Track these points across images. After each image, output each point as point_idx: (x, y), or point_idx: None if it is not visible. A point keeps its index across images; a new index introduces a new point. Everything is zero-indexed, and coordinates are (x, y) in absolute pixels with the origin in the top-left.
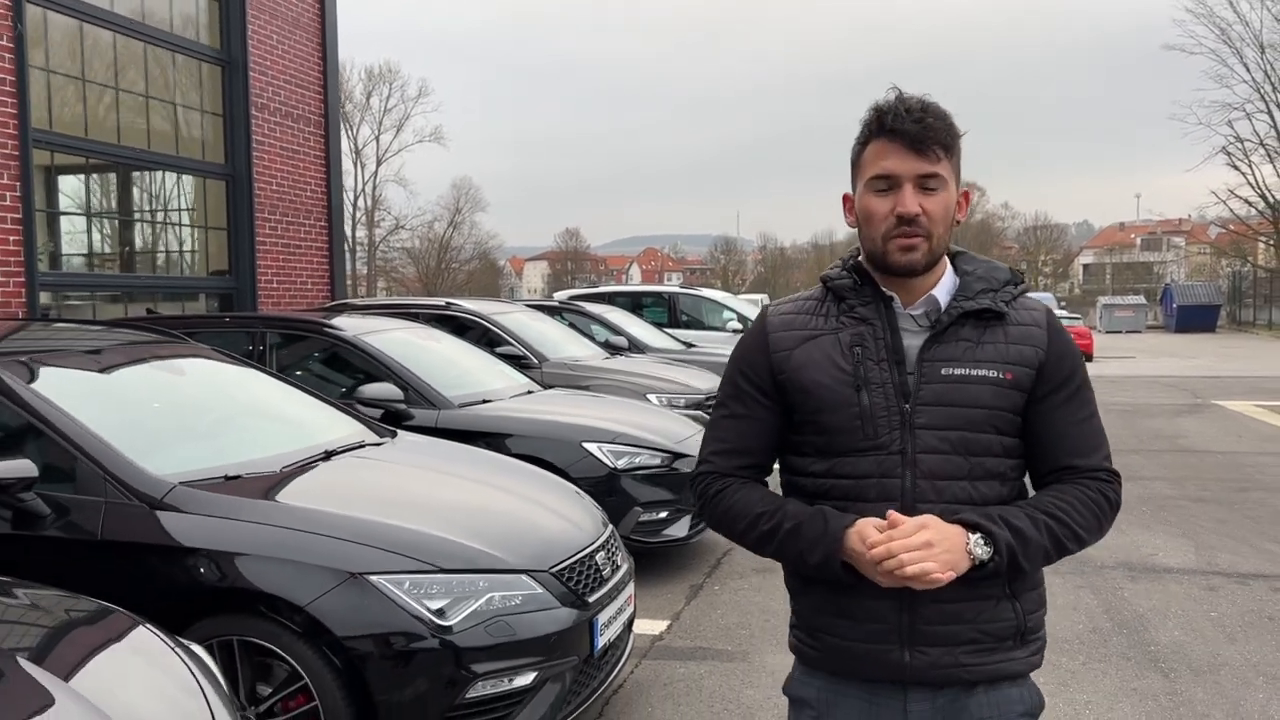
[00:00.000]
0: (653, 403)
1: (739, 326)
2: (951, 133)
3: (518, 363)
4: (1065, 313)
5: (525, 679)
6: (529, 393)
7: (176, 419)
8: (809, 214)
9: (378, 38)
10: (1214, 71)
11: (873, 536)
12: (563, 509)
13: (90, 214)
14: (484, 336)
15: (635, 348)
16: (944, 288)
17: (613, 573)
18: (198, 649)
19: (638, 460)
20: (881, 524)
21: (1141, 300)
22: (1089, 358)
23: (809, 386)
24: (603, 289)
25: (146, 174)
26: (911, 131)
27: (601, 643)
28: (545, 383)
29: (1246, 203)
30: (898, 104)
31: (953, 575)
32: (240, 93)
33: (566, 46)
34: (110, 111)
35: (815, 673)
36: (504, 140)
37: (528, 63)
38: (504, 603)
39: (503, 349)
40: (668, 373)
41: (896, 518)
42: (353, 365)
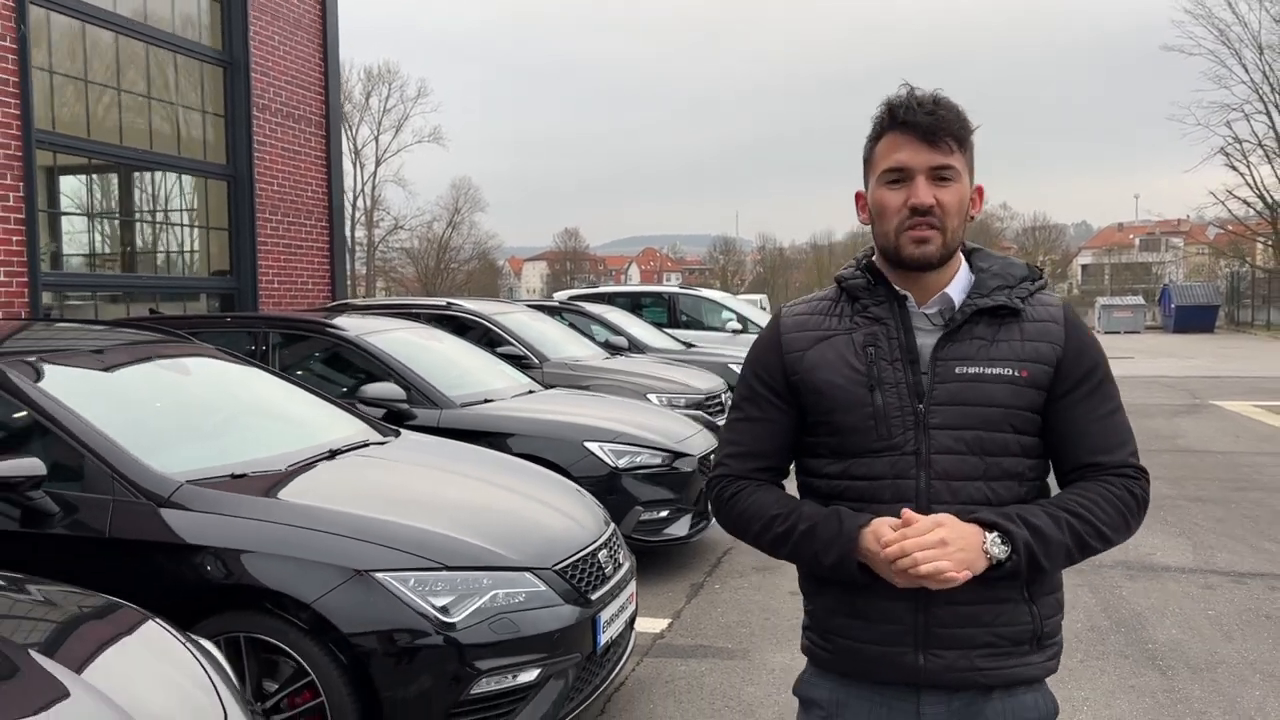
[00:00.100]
0: (653, 402)
1: (738, 327)
2: (964, 125)
3: (519, 363)
4: None
5: (529, 676)
6: (530, 392)
7: (182, 418)
8: (808, 214)
9: (377, 37)
10: (1212, 72)
11: (887, 535)
12: (565, 507)
13: (92, 214)
14: (484, 336)
15: (635, 348)
16: (958, 285)
17: (615, 570)
18: (208, 644)
19: (639, 459)
20: (896, 523)
21: (1140, 301)
22: None
23: (822, 387)
24: (602, 289)
25: (148, 174)
26: (924, 123)
27: (604, 640)
28: (546, 382)
29: (1245, 203)
30: (909, 98)
31: (969, 575)
32: (242, 93)
33: (566, 46)
34: (112, 112)
35: (826, 674)
36: (504, 140)
37: (528, 63)
38: (508, 600)
39: (503, 349)
40: (668, 373)
41: (911, 516)
42: (355, 365)
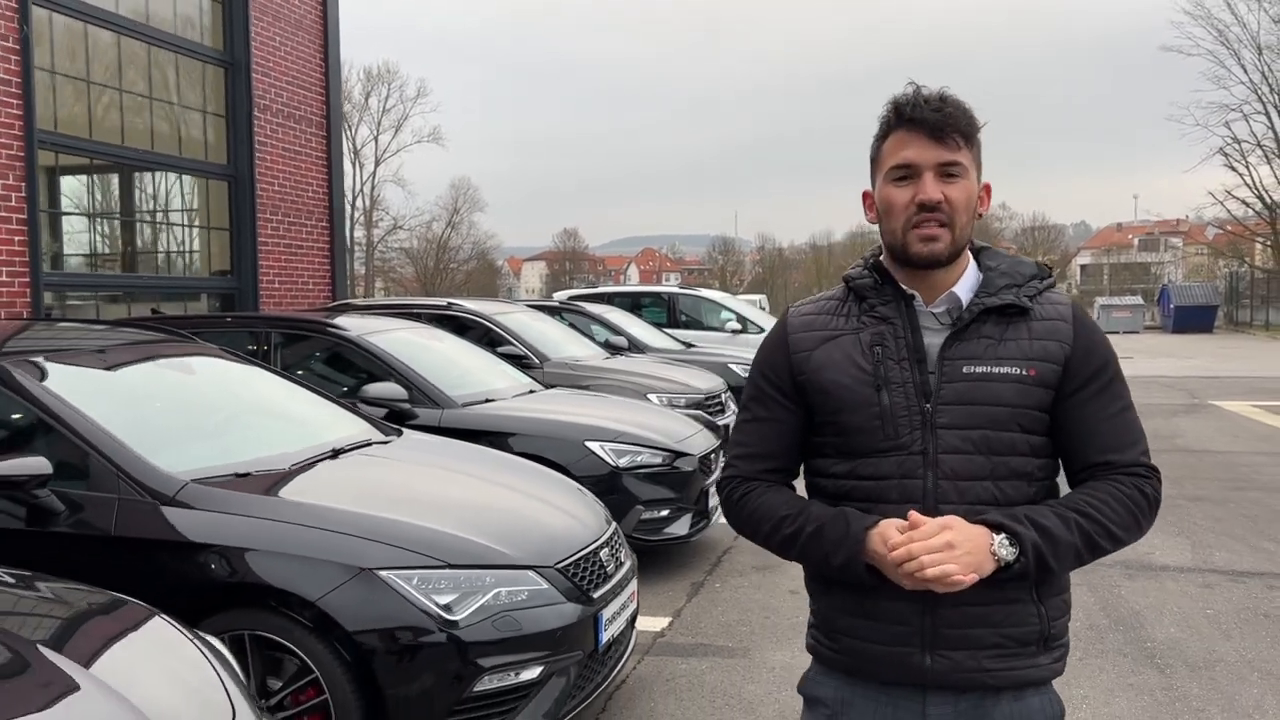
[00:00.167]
0: (653, 402)
1: (738, 327)
2: (971, 122)
3: (519, 362)
4: None
5: (531, 673)
6: (531, 392)
7: (186, 417)
8: (807, 214)
9: (377, 36)
10: (1211, 73)
11: (894, 538)
12: (567, 506)
13: (93, 214)
14: (485, 336)
15: (635, 348)
16: (966, 284)
17: (616, 569)
18: (215, 641)
19: (639, 459)
20: (903, 525)
21: (1139, 301)
22: None
23: (828, 387)
24: (602, 289)
25: (149, 175)
26: (931, 120)
27: (606, 638)
28: (547, 382)
29: (1244, 204)
30: (916, 96)
31: (975, 577)
32: (243, 94)
33: (567, 46)
34: (114, 112)
35: (832, 673)
36: (503, 140)
37: (528, 63)
38: (510, 598)
39: (504, 349)
40: (668, 372)
41: (918, 518)
42: (356, 365)
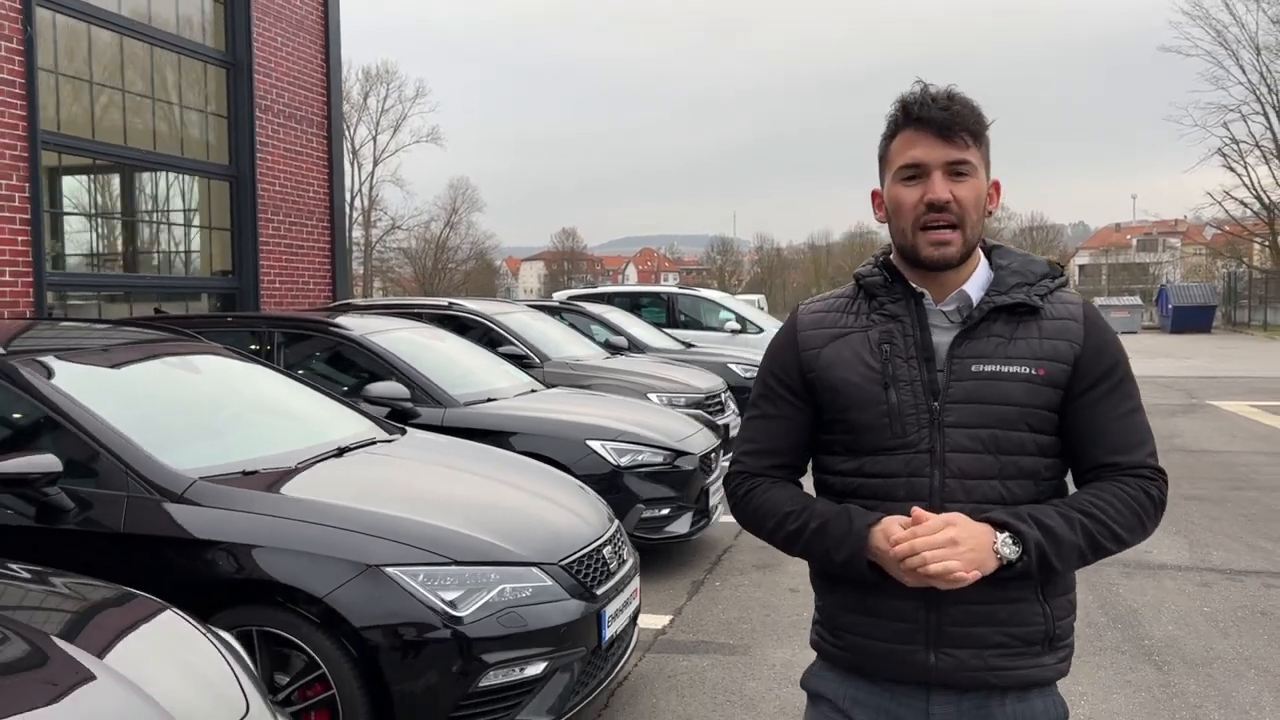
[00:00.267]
0: (653, 402)
1: (737, 327)
2: (979, 120)
3: (520, 362)
4: None
5: (536, 669)
6: (532, 391)
7: (192, 415)
8: (806, 215)
9: (377, 37)
10: (1210, 73)
11: (896, 534)
12: (571, 504)
13: (96, 214)
14: (485, 336)
15: (635, 347)
16: (976, 282)
17: (619, 566)
18: (227, 636)
19: (640, 458)
20: (906, 521)
21: (1137, 301)
22: None
23: (837, 384)
24: (601, 289)
25: (151, 175)
26: (938, 119)
27: (609, 634)
28: (547, 382)
29: (1242, 204)
30: (923, 94)
31: (978, 575)
32: (244, 95)
33: (567, 46)
34: (116, 113)
35: (835, 669)
36: (503, 140)
37: (528, 63)
38: (515, 594)
39: (505, 349)
40: (668, 372)
41: (921, 514)
42: (359, 364)
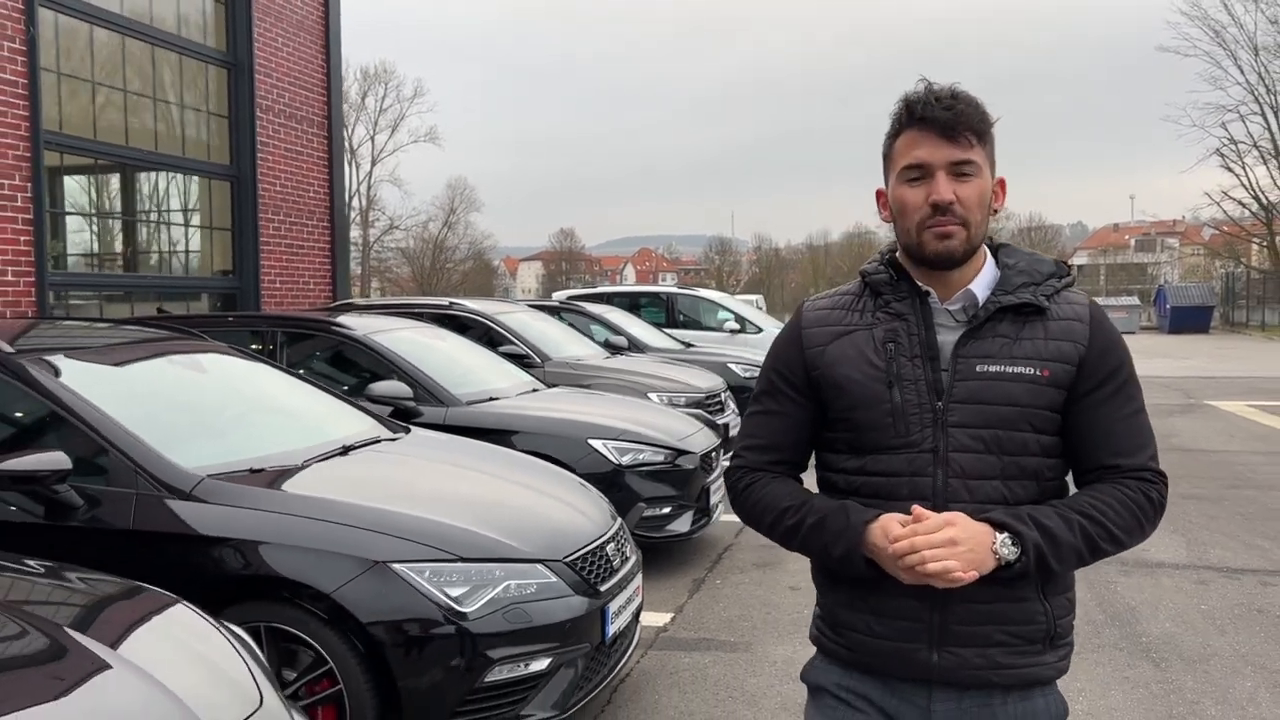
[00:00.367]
0: (654, 401)
1: (736, 327)
2: (983, 119)
3: (521, 362)
4: None
5: (540, 664)
6: (534, 391)
7: (199, 413)
8: (805, 214)
9: (377, 37)
10: (1208, 74)
11: (895, 531)
12: (574, 502)
13: (98, 214)
14: (486, 336)
15: (635, 347)
16: (982, 281)
17: (622, 564)
18: (239, 630)
19: (641, 457)
20: (905, 519)
21: (1135, 301)
22: None
23: (841, 382)
24: (601, 289)
25: (152, 175)
26: (942, 118)
27: (612, 631)
28: (548, 381)
29: (1240, 204)
30: (927, 93)
31: (975, 575)
32: (245, 95)
33: (567, 46)
34: (118, 113)
35: (835, 663)
36: (503, 140)
37: (528, 62)
38: (520, 591)
39: (506, 348)
40: (668, 372)
41: (921, 512)
42: (361, 364)
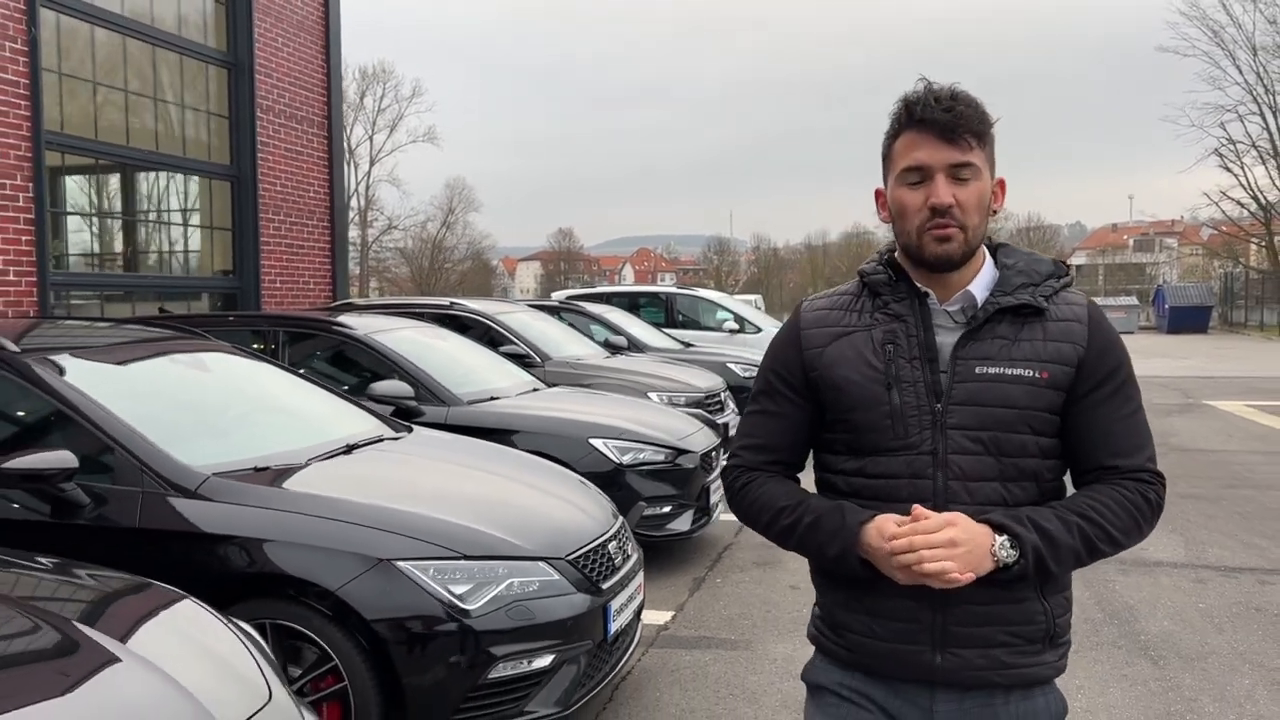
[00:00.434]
0: (654, 400)
1: (735, 327)
2: (983, 120)
3: (522, 361)
4: None
5: (543, 661)
6: (534, 390)
7: (203, 412)
8: (804, 214)
9: (377, 36)
10: (1207, 74)
11: (891, 530)
12: (576, 500)
13: (99, 214)
14: (486, 335)
15: (635, 347)
16: (981, 282)
17: (624, 562)
18: (247, 626)
19: (642, 456)
20: (902, 519)
21: (1134, 301)
22: None
23: (840, 384)
24: (600, 289)
25: (153, 175)
26: (942, 121)
27: (614, 628)
28: (549, 381)
29: (1239, 204)
30: (926, 94)
31: (972, 577)
32: (246, 95)
33: (566, 46)
34: (119, 113)
35: (835, 662)
36: (501, 140)
37: (527, 63)
38: (523, 588)
39: (506, 348)
40: (668, 371)
41: (921, 512)
42: (362, 363)
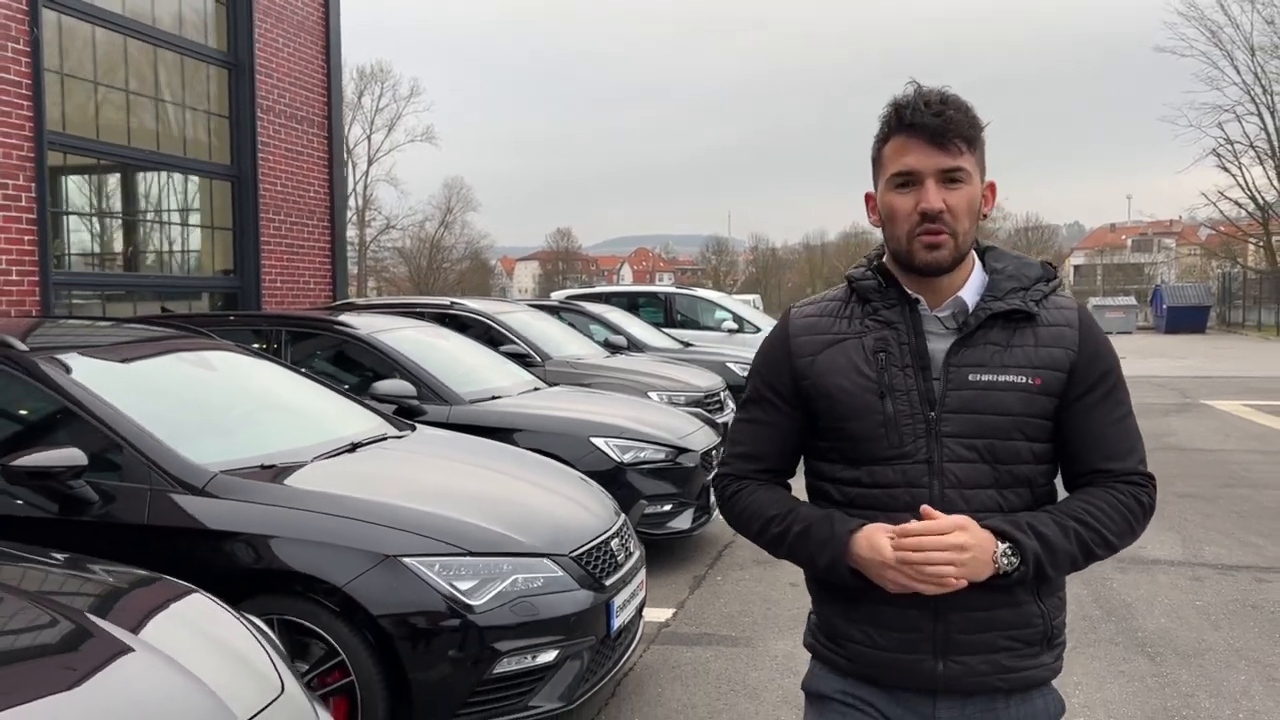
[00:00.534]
0: (654, 400)
1: (734, 326)
2: (973, 125)
3: (522, 361)
4: None
5: (547, 656)
6: (535, 389)
7: (210, 410)
8: (803, 214)
9: (376, 35)
10: (1205, 74)
11: (883, 540)
12: (579, 498)
13: (100, 214)
14: (486, 335)
15: (634, 347)
16: (971, 287)
17: (626, 559)
18: (258, 620)
19: (643, 455)
20: (890, 529)
21: (1132, 301)
22: None
23: (833, 393)
24: (599, 289)
25: (154, 175)
26: (932, 125)
27: (617, 624)
28: (549, 380)
29: (1236, 204)
30: (916, 98)
31: (965, 583)
32: (246, 95)
33: (566, 46)
34: (120, 113)
35: (834, 671)
36: (500, 140)
37: (526, 62)
38: (527, 584)
39: (507, 347)
40: (668, 371)
41: (932, 513)
42: (364, 363)
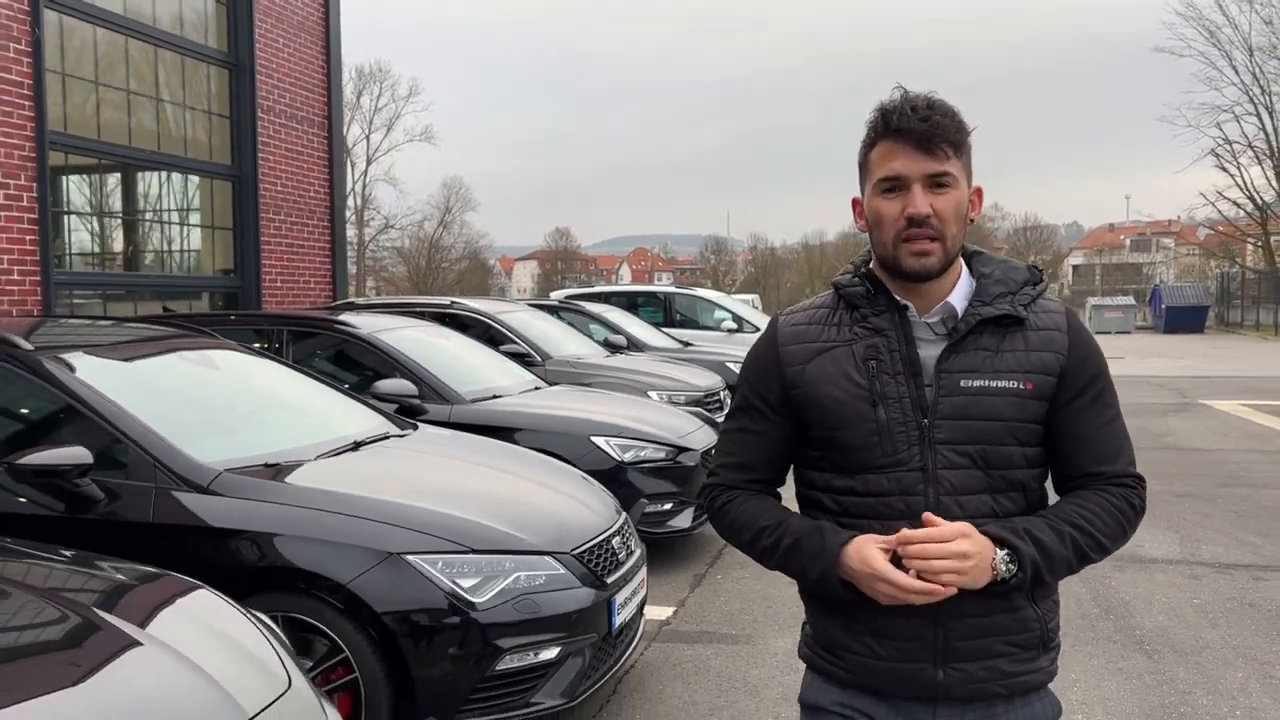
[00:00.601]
0: (654, 399)
1: (733, 326)
2: (960, 129)
3: (522, 360)
4: None
5: (549, 653)
6: (536, 389)
7: (213, 409)
8: (803, 214)
9: (376, 35)
10: (1203, 74)
11: (875, 553)
12: (581, 496)
13: (101, 214)
14: (487, 334)
15: (634, 346)
16: (960, 292)
17: (627, 557)
18: (264, 617)
19: (643, 454)
20: (881, 541)
21: (1130, 301)
22: None
23: (824, 402)
24: (599, 289)
25: (155, 175)
26: (918, 130)
27: (618, 622)
28: (549, 379)
29: (1235, 204)
30: (903, 103)
31: (955, 591)
32: (247, 95)
33: (566, 46)
34: (121, 113)
35: (834, 683)
36: (499, 140)
37: (526, 62)
38: (529, 582)
39: (507, 347)
40: (668, 370)
41: (934, 520)
42: (365, 362)
